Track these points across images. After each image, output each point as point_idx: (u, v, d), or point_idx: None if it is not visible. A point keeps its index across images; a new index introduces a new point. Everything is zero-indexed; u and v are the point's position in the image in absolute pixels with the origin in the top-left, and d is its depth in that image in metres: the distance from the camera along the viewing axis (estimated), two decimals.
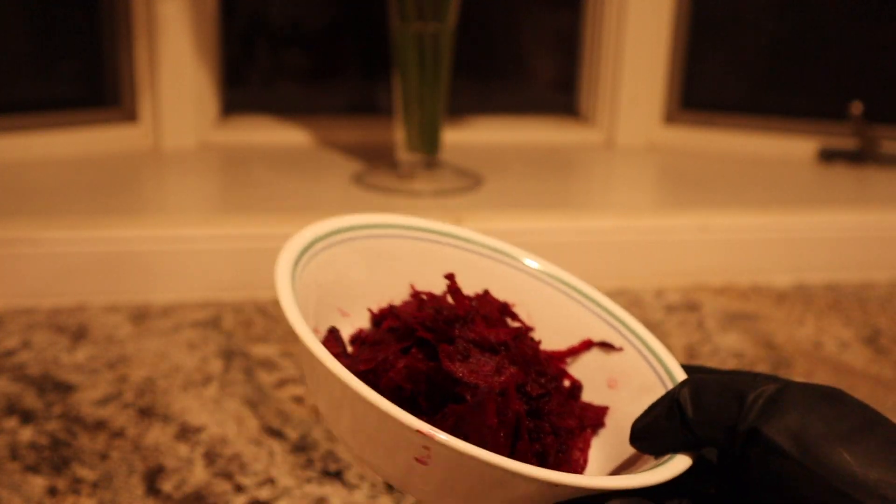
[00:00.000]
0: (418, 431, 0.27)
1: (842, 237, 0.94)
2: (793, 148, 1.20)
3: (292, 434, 0.61)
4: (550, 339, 0.38)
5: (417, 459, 0.28)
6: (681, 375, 0.34)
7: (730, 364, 0.74)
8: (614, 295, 0.87)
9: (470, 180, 1.02)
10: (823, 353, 0.77)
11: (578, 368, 0.38)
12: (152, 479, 0.56)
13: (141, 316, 0.79)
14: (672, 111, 1.25)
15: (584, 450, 0.35)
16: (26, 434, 0.60)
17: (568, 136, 1.26)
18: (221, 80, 1.19)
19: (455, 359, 0.32)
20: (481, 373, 0.32)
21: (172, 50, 1.11)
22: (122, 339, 0.75)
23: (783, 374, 0.73)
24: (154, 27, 1.09)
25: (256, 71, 1.26)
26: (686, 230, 0.91)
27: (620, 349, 0.37)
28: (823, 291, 0.91)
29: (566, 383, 0.37)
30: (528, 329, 0.38)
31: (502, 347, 0.34)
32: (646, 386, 0.35)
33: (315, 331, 0.36)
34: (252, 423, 0.62)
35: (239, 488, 0.55)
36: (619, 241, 0.90)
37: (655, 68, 1.22)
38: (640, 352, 0.36)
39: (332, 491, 0.55)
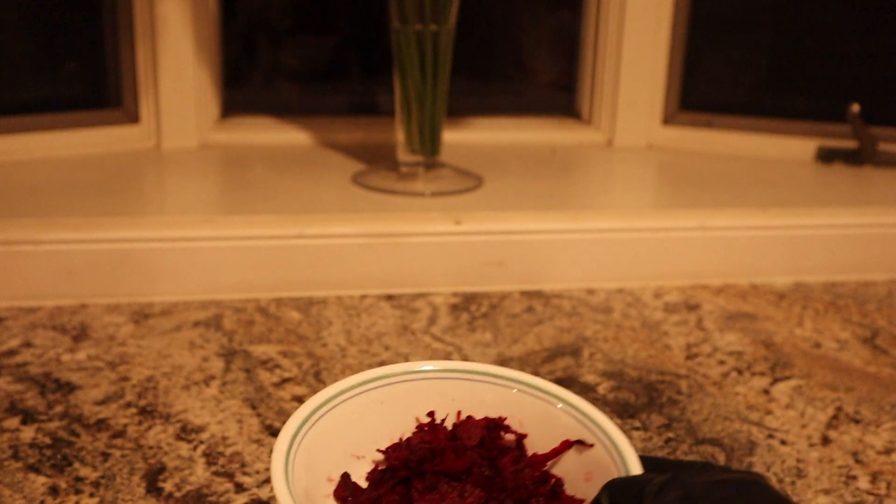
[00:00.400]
0: None
1: (840, 237, 0.94)
2: (791, 148, 1.20)
3: None
4: (541, 441, 0.45)
5: None
6: (634, 467, 0.40)
7: (729, 363, 0.74)
8: (614, 295, 0.88)
9: (470, 181, 1.03)
10: (822, 353, 0.77)
11: (563, 465, 0.44)
12: (153, 478, 0.56)
13: (142, 316, 0.80)
14: (671, 112, 1.25)
15: None
16: (28, 433, 0.60)
17: (568, 136, 1.26)
18: (222, 81, 1.20)
19: (424, 492, 0.40)
20: (446, 501, 0.40)
21: (173, 51, 1.11)
22: (124, 339, 0.75)
23: (782, 373, 0.73)
24: (155, 28, 1.10)
25: (257, 71, 1.26)
26: (686, 230, 0.91)
27: (592, 445, 0.43)
28: (822, 291, 0.91)
29: (552, 481, 0.44)
30: (522, 436, 0.46)
31: (464, 475, 0.41)
32: (610, 478, 0.41)
33: (329, 479, 0.43)
34: (253, 423, 0.63)
35: (240, 487, 0.55)
36: (619, 241, 0.90)
37: (655, 69, 1.22)
38: (606, 447, 0.42)
39: None
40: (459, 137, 1.21)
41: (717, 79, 1.28)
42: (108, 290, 0.82)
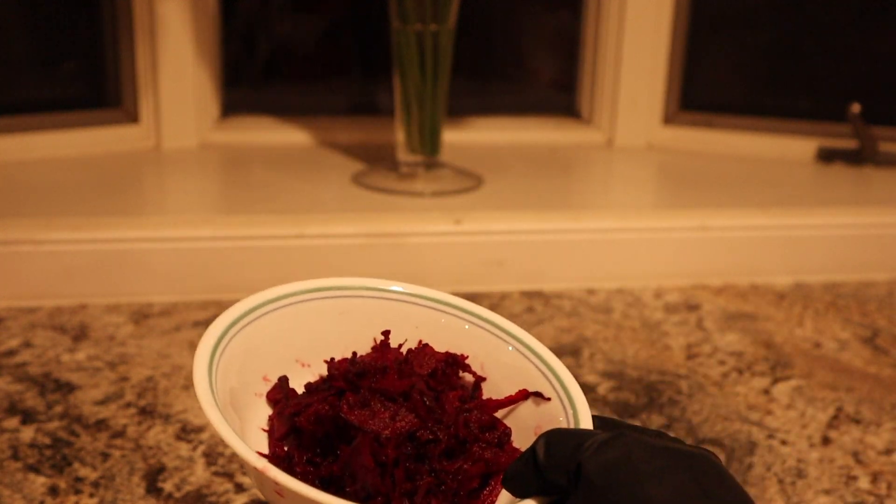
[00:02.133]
0: (255, 468, 0.32)
1: (841, 237, 0.94)
2: (792, 148, 1.20)
3: None
4: (499, 388, 0.43)
5: (277, 492, 0.33)
6: (585, 426, 0.38)
7: (729, 363, 0.74)
8: (614, 295, 0.88)
9: (470, 181, 1.03)
10: (822, 353, 0.77)
11: (515, 415, 0.42)
12: (153, 478, 0.56)
13: (142, 316, 0.80)
14: (671, 112, 1.25)
15: (493, 492, 0.39)
16: (27, 433, 0.60)
17: (568, 136, 1.26)
18: (222, 81, 1.20)
19: (354, 406, 0.37)
20: (376, 419, 0.37)
21: (173, 51, 1.11)
22: (123, 339, 0.75)
23: (782, 373, 0.73)
24: (155, 28, 1.10)
25: (256, 71, 1.26)
26: (686, 230, 0.91)
27: (549, 399, 0.41)
28: (822, 291, 0.91)
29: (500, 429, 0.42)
30: (481, 379, 0.43)
31: (401, 398, 0.38)
32: None
33: (265, 379, 0.41)
34: None
35: (239, 487, 0.55)
36: (619, 241, 0.90)
37: (655, 69, 1.22)
38: (563, 404, 0.40)
39: None
40: (459, 137, 1.21)
41: (717, 79, 1.28)
42: (107, 290, 0.82)
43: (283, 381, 0.41)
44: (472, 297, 0.86)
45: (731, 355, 0.76)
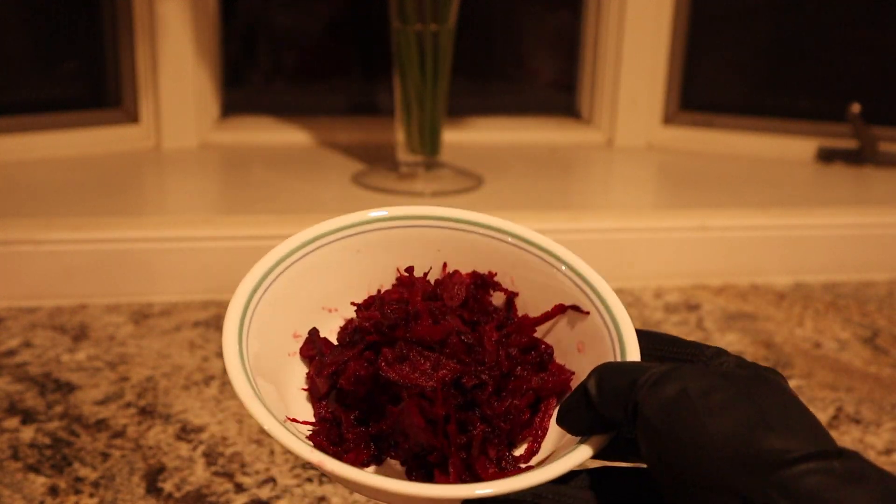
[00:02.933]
0: (311, 462, 0.31)
1: (841, 237, 0.94)
2: (792, 148, 1.20)
3: None
4: (533, 302, 0.41)
5: (324, 475, 0.32)
6: (630, 344, 0.36)
7: None
8: None
9: (470, 181, 1.03)
10: (822, 353, 0.77)
11: (554, 332, 0.40)
12: (153, 478, 0.56)
13: (142, 316, 0.80)
14: (671, 112, 1.25)
15: (545, 416, 0.37)
16: (27, 433, 0.60)
17: (568, 136, 1.26)
18: (222, 81, 1.20)
19: (393, 362, 0.36)
20: (417, 372, 0.35)
21: (173, 51, 1.11)
22: (123, 339, 0.75)
23: (782, 373, 0.73)
24: (155, 28, 1.10)
25: (257, 71, 1.26)
26: (686, 230, 0.91)
27: (587, 313, 0.38)
28: (822, 291, 0.91)
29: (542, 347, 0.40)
30: (513, 294, 0.41)
31: (438, 345, 0.37)
32: (603, 353, 0.37)
33: (295, 336, 0.40)
34: (253, 423, 0.63)
35: (239, 487, 0.55)
36: (619, 241, 0.90)
37: (655, 69, 1.22)
38: (602, 317, 0.38)
39: (332, 490, 0.55)
40: (459, 137, 1.21)
41: (717, 79, 1.28)
42: (108, 290, 0.82)
43: (314, 334, 0.40)
44: None
45: None
